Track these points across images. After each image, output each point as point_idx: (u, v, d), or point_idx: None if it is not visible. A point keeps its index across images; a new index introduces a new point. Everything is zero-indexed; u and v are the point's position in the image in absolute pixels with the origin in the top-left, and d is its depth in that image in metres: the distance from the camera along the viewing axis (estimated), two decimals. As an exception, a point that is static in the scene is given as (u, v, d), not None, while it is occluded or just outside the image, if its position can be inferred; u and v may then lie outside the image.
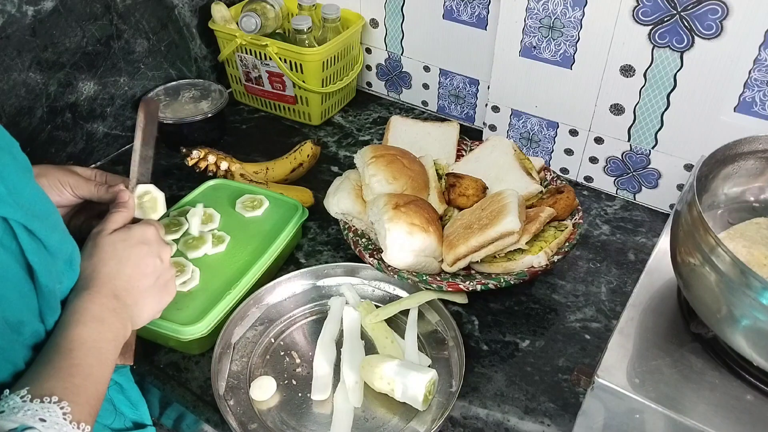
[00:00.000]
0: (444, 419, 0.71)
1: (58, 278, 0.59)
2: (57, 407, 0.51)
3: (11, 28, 0.93)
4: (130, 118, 1.17)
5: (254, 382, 0.77)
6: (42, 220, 0.55)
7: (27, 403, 0.51)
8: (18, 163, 0.55)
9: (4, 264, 0.53)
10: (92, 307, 0.61)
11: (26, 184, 0.55)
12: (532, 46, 1.01)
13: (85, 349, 0.58)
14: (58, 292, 0.59)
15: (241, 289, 0.83)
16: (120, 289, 0.64)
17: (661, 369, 0.63)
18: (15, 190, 0.53)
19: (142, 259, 0.67)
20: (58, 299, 0.59)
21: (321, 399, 0.75)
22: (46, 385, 0.53)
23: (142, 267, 0.67)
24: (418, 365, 0.76)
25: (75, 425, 0.52)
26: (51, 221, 0.58)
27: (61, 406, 0.51)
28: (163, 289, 0.70)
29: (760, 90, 0.86)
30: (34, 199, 0.56)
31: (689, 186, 0.62)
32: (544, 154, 1.12)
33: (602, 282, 0.93)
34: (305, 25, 1.16)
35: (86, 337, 0.58)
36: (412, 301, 0.84)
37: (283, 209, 0.94)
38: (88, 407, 0.55)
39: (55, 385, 0.53)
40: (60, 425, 0.50)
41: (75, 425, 0.52)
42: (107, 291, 0.63)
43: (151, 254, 0.68)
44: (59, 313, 0.60)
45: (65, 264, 0.60)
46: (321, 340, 0.81)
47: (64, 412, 0.51)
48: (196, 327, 0.77)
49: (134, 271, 0.66)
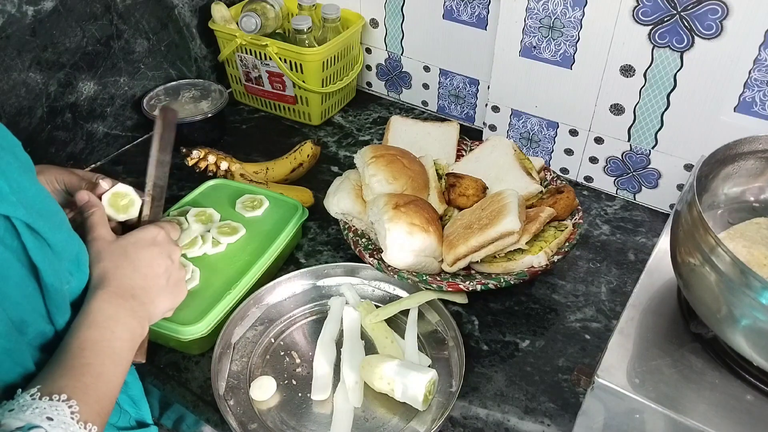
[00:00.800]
0: (444, 419, 0.71)
1: (65, 278, 0.59)
2: (65, 406, 0.51)
3: (11, 28, 0.93)
4: (130, 118, 1.18)
5: (254, 382, 0.77)
6: (46, 218, 0.55)
7: (36, 401, 0.51)
8: (20, 163, 0.56)
9: (5, 262, 0.53)
10: (107, 307, 0.61)
11: (29, 182, 0.55)
12: (532, 46, 1.01)
13: (97, 349, 0.58)
14: (66, 292, 0.59)
15: (241, 289, 0.83)
16: (138, 289, 0.65)
17: (661, 369, 0.63)
18: (18, 188, 0.53)
19: (154, 259, 0.68)
20: (66, 299, 0.59)
21: (321, 399, 0.75)
22: (57, 383, 0.53)
23: (155, 267, 0.68)
24: (418, 365, 0.76)
25: (82, 425, 0.51)
26: (55, 220, 0.58)
27: (69, 405, 0.51)
28: (175, 288, 0.71)
29: (760, 90, 0.86)
30: (38, 198, 0.56)
31: (689, 186, 0.62)
32: (544, 154, 1.12)
33: (602, 282, 0.93)
34: (305, 25, 1.16)
35: (99, 337, 0.59)
36: (412, 301, 0.84)
37: (283, 209, 0.94)
38: (98, 407, 0.55)
39: (66, 383, 0.53)
40: (67, 424, 0.50)
41: (82, 425, 0.51)
42: (124, 291, 0.63)
43: (162, 255, 0.69)
44: (69, 314, 0.60)
45: (72, 264, 0.60)
46: (321, 340, 0.81)
47: (72, 411, 0.51)
48: (196, 327, 0.77)
49: (149, 271, 0.67)
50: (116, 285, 0.63)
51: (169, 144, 0.80)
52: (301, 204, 0.95)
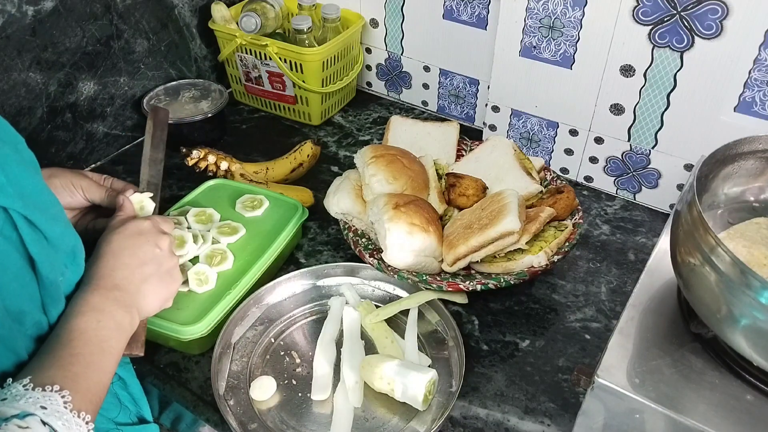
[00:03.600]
0: (444, 419, 0.71)
1: (60, 270, 0.60)
2: (58, 396, 0.52)
3: (11, 28, 0.93)
4: (130, 118, 1.17)
5: (254, 382, 0.77)
6: (42, 211, 0.56)
7: (29, 391, 0.51)
8: (21, 157, 0.56)
9: (4, 253, 0.54)
10: (92, 299, 0.62)
11: (28, 176, 0.56)
12: (532, 46, 1.01)
13: (85, 339, 0.58)
14: (61, 284, 0.60)
15: (241, 289, 0.83)
16: (120, 279, 0.65)
17: (661, 369, 0.63)
18: (15, 180, 0.54)
19: (139, 248, 0.68)
20: (61, 291, 0.60)
21: (321, 399, 0.75)
22: (47, 374, 0.54)
23: (140, 255, 0.68)
24: (419, 365, 0.76)
25: (75, 414, 0.52)
26: (52, 213, 0.58)
27: (62, 395, 0.52)
28: (167, 276, 0.71)
29: (760, 90, 0.86)
30: (36, 191, 0.57)
31: (689, 186, 0.62)
32: (544, 154, 1.12)
33: (602, 282, 0.93)
34: (305, 25, 1.16)
35: (85, 327, 0.59)
36: (412, 301, 0.84)
37: (283, 209, 0.94)
38: (90, 395, 0.55)
39: (56, 374, 0.54)
40: (60, 413, 0.51)
41: (75, 414, 0.52)
42: (107, 282, 0.64)
43: (148, 243, 0.69)
44: (63, 306, 0.61)
45: (67, 256, 0.61)
46: (321, 340, 0.81)
47: (65, 400, 0.52)
48: (196, 327, 0.77)
49: (131, 260, 0.67)
50: (98, 276, 0.64)
51: (161, 142, 0.80)
52: (301, 204, 0.95)
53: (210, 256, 0.84)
